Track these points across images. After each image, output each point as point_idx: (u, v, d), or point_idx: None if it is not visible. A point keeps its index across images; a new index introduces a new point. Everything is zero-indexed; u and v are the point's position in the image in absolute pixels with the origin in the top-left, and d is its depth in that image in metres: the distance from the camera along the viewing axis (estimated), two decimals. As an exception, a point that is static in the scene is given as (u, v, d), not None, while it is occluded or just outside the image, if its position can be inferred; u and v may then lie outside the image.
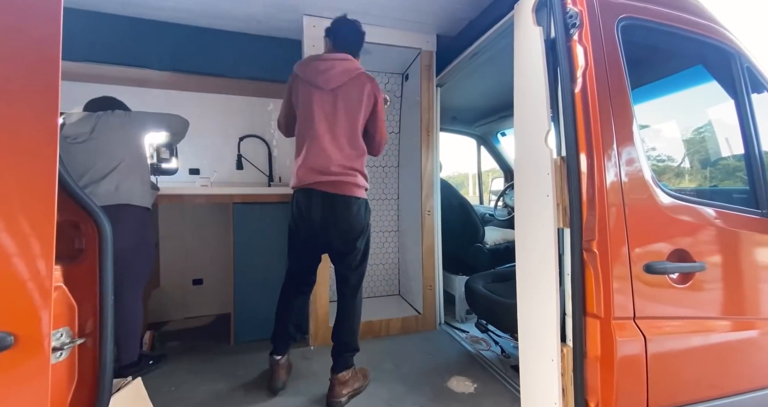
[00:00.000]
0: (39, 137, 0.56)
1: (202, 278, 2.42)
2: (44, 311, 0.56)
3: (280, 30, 2.07)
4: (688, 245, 1.08)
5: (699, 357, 1.10)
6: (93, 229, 0.69)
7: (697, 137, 1.71)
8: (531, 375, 1.19)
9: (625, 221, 1.01)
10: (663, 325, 1.06)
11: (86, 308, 0.68)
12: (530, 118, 1.19)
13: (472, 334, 2.07)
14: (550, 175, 1.09)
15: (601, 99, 1.02)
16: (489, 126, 3.24)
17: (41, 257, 0.56)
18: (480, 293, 1.74)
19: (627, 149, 1.04)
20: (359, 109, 1.38)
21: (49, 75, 0.57)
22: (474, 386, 1.55)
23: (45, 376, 0.55)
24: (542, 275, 1.12)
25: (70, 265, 0.67)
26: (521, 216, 1.23)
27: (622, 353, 0.98)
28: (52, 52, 0.57)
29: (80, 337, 0.66)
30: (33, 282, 0.55)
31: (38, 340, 0.55)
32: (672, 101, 1.72)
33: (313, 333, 1.93)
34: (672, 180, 1.67)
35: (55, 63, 0.58)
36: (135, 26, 1.91)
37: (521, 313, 1.23)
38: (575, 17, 1.06)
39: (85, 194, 0.68)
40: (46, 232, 0.56)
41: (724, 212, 1.17)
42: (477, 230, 2.30)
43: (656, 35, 1.21)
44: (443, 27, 2.06)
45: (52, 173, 0.57)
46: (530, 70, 1.18)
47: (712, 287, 1.14)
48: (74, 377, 0.66)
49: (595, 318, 1.01)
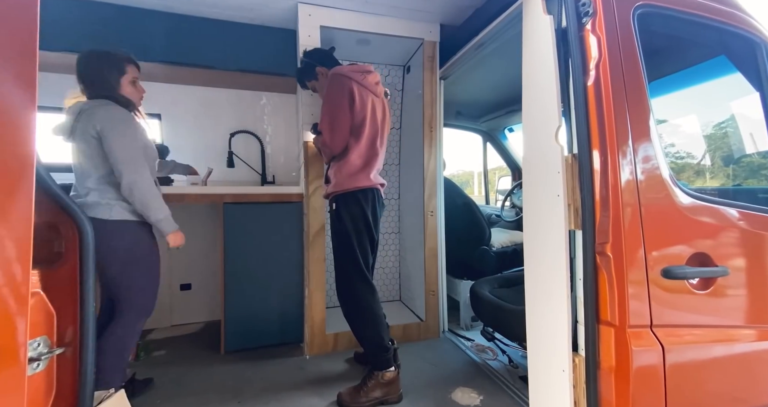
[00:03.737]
0: (15, 133, 0.56)
1: (190, 283, 2.42)
2: (20, 319, 0.55)
3: (273, 19, 2.07)
4: (710, 249, 1.07)
5: (721, 368, 1.10)
6: (73, 232, 0.69)
7: (719, 133, 1.71)
8: (541, 387, 1.18)
9: (641, 223, 1.01)
10: (682, 334, 1.05)
11: (66, 316, 0.67)
12: (540, 113, 1.18)
13: (478, 342, 2.07)
14: (560, 173, 1.08)
15: (615, 92, 1.02)
16: (496, 121, 3.23)
17: (17, 262, 0.55)
18: (486, 299, 1.74)
19: (643, 145, 1.04)
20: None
21: (25, 66, 0.57)
22: (480, 398, 1.55)
23: (21, 389, 0.55)
24: (552, 280, 1.12)
25: (48, 270, 0.67)
26: (530, 217, 1.23)
27: (638, 363, 0.97)
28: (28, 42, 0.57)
29: (59, 347, 0.66)
30: (8, 288, 0.55)
31: (13, 350, 0.55)
32: (692, 94, 1.72)
33: (309, 341, 1.93)
34: (692, 179, 1.67)
35: (31, 53, 0.57)
36: (118, 14, 1.90)
37: (530, 320, 1.22)
38: (588, 5, 1.06)
39: (66, 194, 0.68)
40: (23, 234, 0.56)
41: (749, 213, 1.16)
42: (483, 231, 2.30)
43: (675, 24, 1.20)
44: (447, 16, 2.06)
45: (29, 172, 0.57)
46: (540, 62, 1.18)
47: (735, 294, 1.13)
48: (52, 389, 0.65)
49: (609, 326, 1.01)
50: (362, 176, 1.56)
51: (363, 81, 1.57)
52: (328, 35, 2.03)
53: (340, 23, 1.97)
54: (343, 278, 1.57)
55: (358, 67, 1.62)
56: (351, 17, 1.98)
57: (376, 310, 1.55)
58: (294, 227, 2.01)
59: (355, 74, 1.56)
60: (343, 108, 1.53)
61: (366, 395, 1.47)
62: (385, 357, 1.51)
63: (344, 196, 1.56)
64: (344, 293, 1.57)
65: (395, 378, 1.52)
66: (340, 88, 1.53)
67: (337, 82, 1.54)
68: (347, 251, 1.55)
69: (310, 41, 1.92)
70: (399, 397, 1.52)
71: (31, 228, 0.57)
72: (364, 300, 1.54)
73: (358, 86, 1.55)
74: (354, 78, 1.55)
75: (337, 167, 1.59)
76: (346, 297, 1.57)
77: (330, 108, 1.55)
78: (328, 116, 1.56)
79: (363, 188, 1.56)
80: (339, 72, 1.56)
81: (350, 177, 1.55)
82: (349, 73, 1.56)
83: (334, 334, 1.97)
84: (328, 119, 1.55)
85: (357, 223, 1.55)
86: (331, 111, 1.55)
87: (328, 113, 1.55)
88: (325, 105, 1.58)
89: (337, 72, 1.57)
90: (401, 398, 1.52)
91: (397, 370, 1.54)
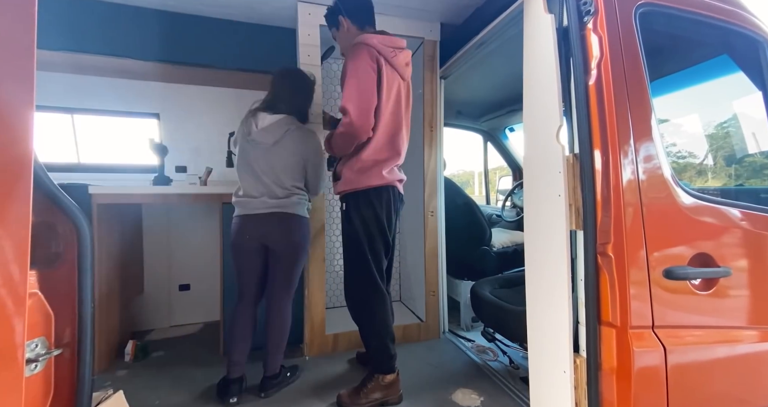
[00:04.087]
0: (12, 132, 0.56)
1: (189, 284, 2.41)
2: (18, 319, 0.55)
3: (272, 17, 2.07)
4: (712, 249, 1.07)
5: (724, 369, 1.10)
6: (72, 231, 0.69)
7: (721, 132, 1.71)
8: (541, 388, 1.18)
9: (643, 223, 1.01)
10: (684, 335, 1.05)
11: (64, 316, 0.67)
12: (541, 112, 1.18)
13: (478, 343, 2.07)
14: (561, 173, 1.08)
15: (617, 92, 1.02)
16: (496, 121, 3.23)
17: (15, 262, 0.55)
18: (486, 299, 1.74)
19: (645, 145, 1.04)
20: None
21: (23, 65, 0.57)
22: (480, 399, 1.54)
23: (18, 390, 0.55)
24: (553, 280, 1.11)
25: (46, 270, 0.66)
26: (531, 217, 1.23)
27: (639, 364, 0.97)
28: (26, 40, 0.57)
29: (57, 348, 0.66)
30: (5, 289, 0.54)
31: (11, 351, 0.55)
32: (694, 94, 1.72)
33: (309, 341, 1.93)
34: (694, 179, 1.67)
35: (29, 52, 0.57)
36: (117, 12, 1.90)
37: (531, 321, 1.22)
38: (590, 4, 1.06)
39: (63, 193, 0.68)
40: (20, 234, 0.56)
41: (751, 213, 1.16)
42: (483, 231, 2.30)
43: (677, 23, 1.20)
44: (447, 15, 2.06)
45: (26, 170, 0.57)
46: (541, 61, 1.18)
47: (737, 294, 1.13)
48: (50, 391, 0.65)
49: (610, 327, 1.01)
50: (375, 173, 1.41)
51: (393, 59, 1.38)
52: (328, 34, 2.02)
53: (339, 22, 1.96)
54: (354, 286, 1.50)
55: (390, 41, 1.41)
56: (351, 16, 1.97)
57: (387, 321, 1.48)
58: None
59: (386, 50, 1.36)
60: (372, 85, 1.32)
61: (366, 396, 1.46)
62: (389, 364, 1.49)
63: (355, 195, 1.44)
64: (354, 301, 1.51)
65: (395, 379, 1.51)
66: (368, 61, 1.32)
67: (366, 54, 1.33)
68: (358, 257, 1.45)
69: (310, 40, 1.92)
70: (399, 398, 1.51)
71: (29, 228, 0.56)
72: (376, 311, 1.46)
73: (387, 65, 1.36)
74: (384, 54, 1.36)
75: (348, 161, 1.43)
76: (357, 307, 1.51)
77: (357, 82, 1.31)
78: (356, 91, 1.31)
79: (377, 187, 1.42)
80: (368, 42, 1.36)
81: (362, 174, 1.41)
82: (380, 47, 1.36)
83: (334, 335, 1.97)
84: (357, 94, 1.31)
85: (369, 227, 1.42)
86: (360, 86, 1.31)
87: (356, 87, 1.31)
88: (351, 79, 1.33)
89: (366, 41, 1.37)
90: (401, 399, 1.52)
91: (397, 372, 1.52)
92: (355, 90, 1.32)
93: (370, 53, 1.34)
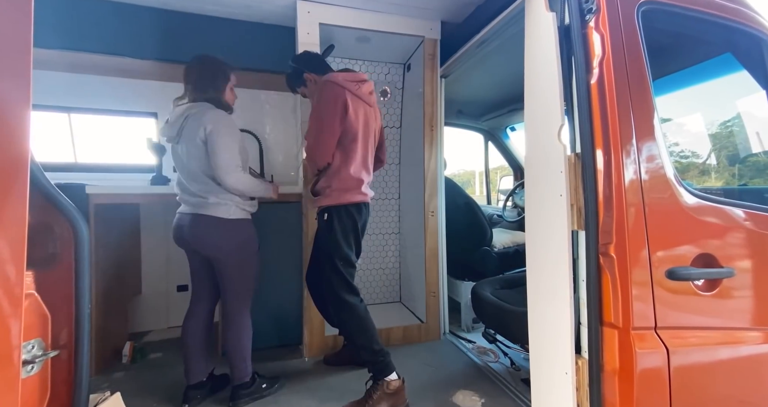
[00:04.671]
0: (9, 130, 0.56)
1: (187, 285, 2.41)
2: (14, 321, 0.55)
3: (271, 16, 2.07)
4: (715, 249, 1.07)
5: (728, 371, 1.10)
6: (68, 232, 0.69)
7: (725, 132, 1.71)
8: (543, 390, 1.18)
9: (645, 223, 1.01)
10: (687, 336, 1.05)
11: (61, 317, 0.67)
12: (542, 111, 1.18)
13: (479, 345, 2.07)
14: (563, 173, 1.08)
15: (619, 91, 1.02)
16: (497, 120, 3.23)
17: (11, 263, 0.55)
18: (487, 300, 1.74)
19: (647, 144, 1.04)
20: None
21: (19, 64, 0.57)
22: (481, 401, 1.54)
23: (14, 392, 0.55)
24: (555, 281, 1.11)
25: (43, 271, 0.66)
26: (532, 217, 1.23)
27: (642, 366, 0.97)
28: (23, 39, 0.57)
29: (54, 349, 0.66)
30: (1, 290, 0.54)
31: (7, 353, 0.55)
32: (697, 93, 1.72)
33: (308, 343, 1.93)
34: (697, 178, 1.67)
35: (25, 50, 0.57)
36: (115, 10, 1.90)
37: (532, 322, 1.22)
38: (592, 2, 1.06)
39: (60, 193, 0.68)
40: (17, 235, 0.56)
41: (754, 213, 1.16)
42: (484, 232, 2.30)
43: (680, 21, 1.20)
44: (448, 13, 2.06)
45: (23, 170, 0.57)
46: (542, 60, 1.18)
47: (741, 295, 1.13)
48: (47, 393, 0.65)
49: (612, 328, 1.01)
50: (357, 191, 1.55)
51: (357, 91, 1.53)
52: (328, 33, 2.03)
53: (339, 20, 1.96)
54: (332, 290, 1.53)
55: (352, 76, 1.57)
56: (350, 14, 1.98)
57: (365, 316, 1.53)
58: (292, 227, 2.01)
59: (349, 84, 1.52)
60: (333, 119, 1.48)
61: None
62: (385, 362, 1.48)
63: (337, 209, 1.54)
64: (335, 303, 1.54)
65: (401, 386, 1.48)
66: (333, 98, 1.48)
67: (330, 91, 1.49)
68: (333, 262, 1.52)
69: (309, 39, 1.92)
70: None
71: (25, 228, 0.56)
72: (355, 308, 1.51)
73: (352, 96, 1.50)
74: (348, 87, 1.51)
75: (329, 179, 1.54)
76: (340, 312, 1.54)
77: (319, 118, 1.50)
78: (315, 126, 1.51)
79: (357, 203, 1.56)
80: (332, 80, 1.51)
81: (345, 192, 1.53)
82: (343, 82, 1.51)
83: (333, 336, 1.97)
84: (315, 129, 1.51)
85: (348, 236, 1.54)
86: (320, 121, 1.49)
87: (316, 123, 1.50)
88: (314, 114, 1.52)
89: (330, 80, 1.51)
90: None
91: (402, 379, 1.50)
92: (315, 126, 1.52)
93: (334, 90, 1.50)
